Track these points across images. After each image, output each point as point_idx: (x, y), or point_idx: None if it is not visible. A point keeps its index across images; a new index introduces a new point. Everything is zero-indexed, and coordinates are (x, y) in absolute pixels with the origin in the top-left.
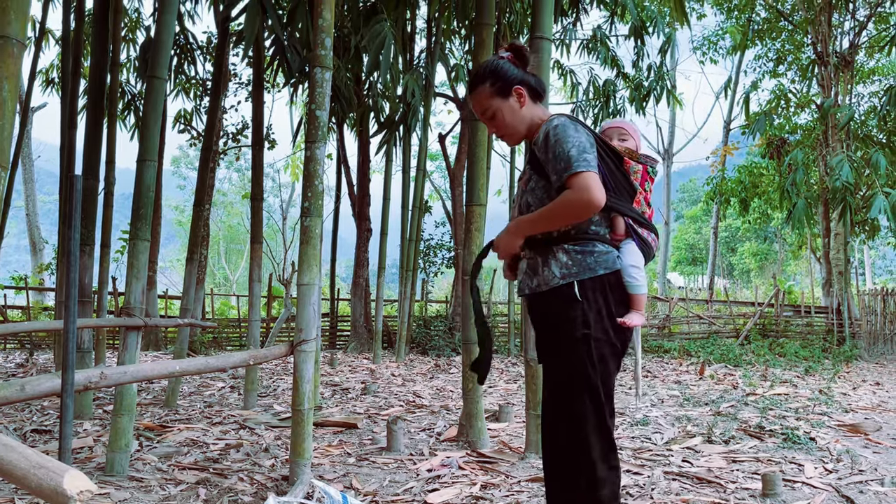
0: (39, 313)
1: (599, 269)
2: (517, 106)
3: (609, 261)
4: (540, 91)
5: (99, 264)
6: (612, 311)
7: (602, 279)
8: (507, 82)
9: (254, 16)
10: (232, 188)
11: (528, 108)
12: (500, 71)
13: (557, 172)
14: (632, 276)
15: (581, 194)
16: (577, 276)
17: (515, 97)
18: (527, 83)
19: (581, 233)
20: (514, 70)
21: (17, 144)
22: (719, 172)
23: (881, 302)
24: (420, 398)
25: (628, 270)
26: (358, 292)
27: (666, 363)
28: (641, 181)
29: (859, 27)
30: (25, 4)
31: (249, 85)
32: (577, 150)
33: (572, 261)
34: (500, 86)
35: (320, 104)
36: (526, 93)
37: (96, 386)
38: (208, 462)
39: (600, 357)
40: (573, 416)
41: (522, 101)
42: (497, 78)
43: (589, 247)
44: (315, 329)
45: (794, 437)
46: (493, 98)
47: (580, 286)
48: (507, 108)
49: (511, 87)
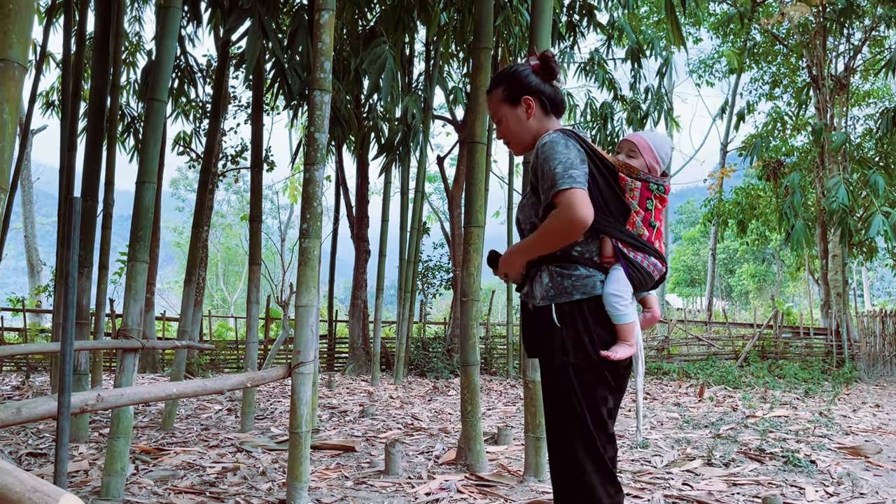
0: (36, 335)
1: (576, 294)
2: (524, 116)
3: (588, 286)
4: (556, 104)
5: (97, 286)
6: (593, 337)
7: (580, 304)
8: (518, 91)
9: (255, 39)
10: (231, 210)
11: (537, 120)
12: (515, 78)
13: (545, 192)
14: (611, 304)
15: (565, 212)
16: (554, 300)
17: (524, 107)
18: (539, 95)
19: (565, 254)
20: (531, 79)
21: (16, 166)
22: (717, 194)
23: (880, 323)
24: (418, 421)
25: (608, 299)
26: (356, 314)
27: (665, 385)
28: (641, 199)
29: (854, 51)
30: (27, 28)
31: (249, 107)
32: (562, 167)
33: (552, 283)
34: (511, 93)
35: (319, 127)
36: (536, 104)
37: (93, 409)
38: (205, 486)
39: (584, 385)
40: (564, 443)
41: (530, 113)
42: (510, 85)
43: (570, 269)
44: (313, 351)
45: (795, 460)
46: (503, 104)
47: (557, 310)
48: (514, 116)
49: (521, 97)
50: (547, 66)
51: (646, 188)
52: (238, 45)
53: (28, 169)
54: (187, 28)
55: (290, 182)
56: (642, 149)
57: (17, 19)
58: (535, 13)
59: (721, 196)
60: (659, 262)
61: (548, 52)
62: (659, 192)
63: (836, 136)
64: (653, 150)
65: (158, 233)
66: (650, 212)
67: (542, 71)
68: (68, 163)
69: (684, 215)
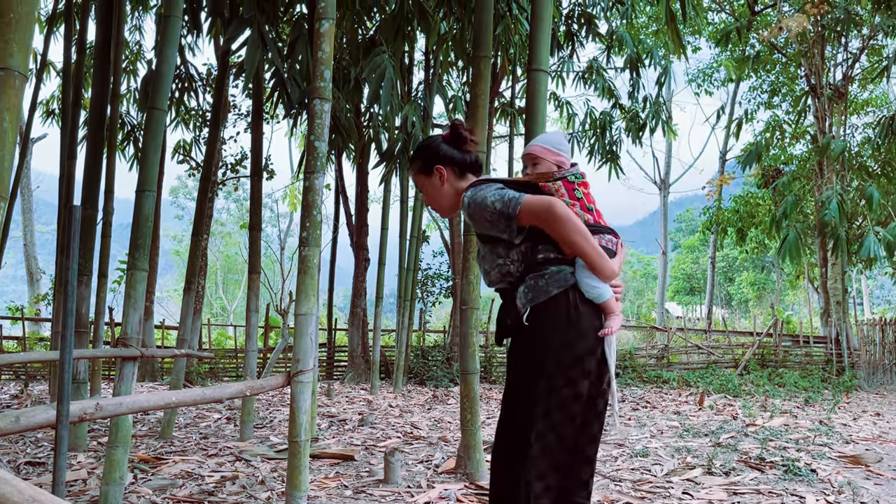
0: (35, 344)
1: (553, 290)
2: (438, 184)
3: (562, 279)
4: (468, 166)
5: (96, 294)
6: (570, 328)
7: (557, 298)
8: (430, 162)
9: (254, 49)
10: (230, 218)
11: (451, 185)
12: (426, 151)
13: (507, 231)
14: (587, 287)
15: (542, 212)
16: (533, 302)
17: (437, 175)
18: (450, 163)
19: (535, 266)
20: (441, 149)
21: (16, 175)
22: (715, 202)
23: (880, 332)
24: (418, 429)
25: (582, 283)
26: (355, 322)
27: (665, 393)
28: (569, 194)
29: (852, 59)
30: (28, 37)
31: (249, 116)
32: (499, 200)
33: (528, 289)
34: (424, 165)
35: (319, 135)
36: (448, 171)
37: (91, 417)
38: (203, 495)
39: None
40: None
41: (443, 180)
42: (423, 157)
43: (541, 271)
44: (312, 359)
45: (795, 469)
46: (420, 175)
47: (534, 312)
48: (430, 185)
49: (433, 167)
50: (456, 134)
51: (566, 183)
52: (238, 54)
53: (28, 177)
54: (187, 37)
55: (289, 190)
56: (541, 154)
57: (18, 28)
58: (535, 22)
59: (720, 204)
60: (612, 235)
61: (457, 121)
62: (578, 179)
63: (834, 145)
64: (551, 150)
65: (158, 241)
66: (581, 200)
67: (451, 140)
68: (68, 171)
69: (683, 223)
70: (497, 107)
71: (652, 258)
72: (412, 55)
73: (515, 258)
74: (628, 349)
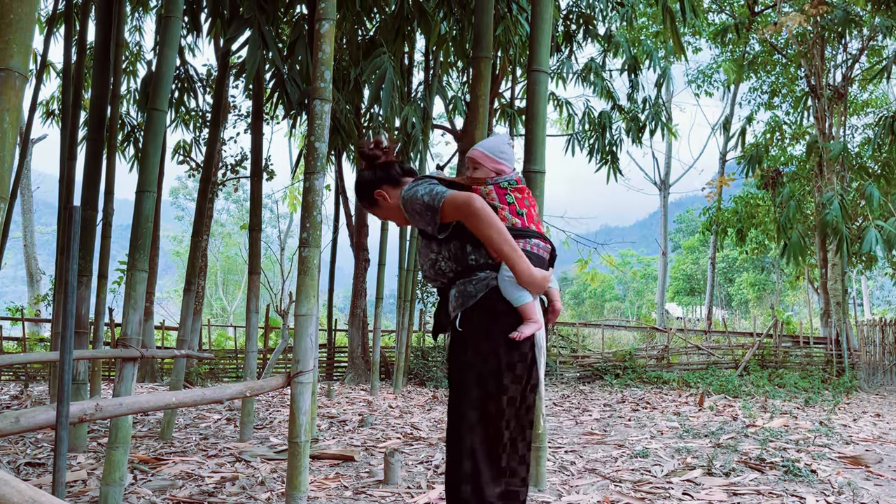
0: (35, 345)
1: (479, 294)
2: (385, 204)
3: (488, 284)
4: (400, 174)
5: (96, 295)
6: (500, 326)
7: (482, 302)
8: (368, 194)
9: (255, 49)
10: (230, 219)
11: (395, 197)
12: (360, 188)
13: (432, 224)
14: (506, 289)
15: (463, 207)
16: (462, 307)
17: (380, 199)
18: (383, 183)
19: (465, 268)
20: (369, 178)
21: (16, 175)
22: (715, 203)
23: (880, 332)
24: (418, 430)
25: (502, 284)
26: (355, 323)
27: (665, 394)
28: (500, 198)
29: (852, 60)
30: (28, 38)
31: (249, 117)
32: (427, 195)
33: (458, 294)
34: (367, 199)
35: (319, 136)
36: (384, 190)
37: (91, 418)
38: (203, 496)
39: (483, 380)
40: (461, 439)
41: (387, 199)
42: (362, 195)
43: (471, 276)
44: (312, 360)
45: (796, 470)
46: (371, 209)
47: (463, 317)
48: (382, 210)
49: (373, 196)
50: (364, 156)
51: (498, 188)
52: (238, 54)
53: (28, 178)
54: (187, 38)
55: (289, 191)
56: (481, 160)
57: (18, 29)
58: (535, 23)
59: (720, 205)
60: (540, 241)
61: (360, 144)
62: (512, 185)
63: (833, 146)
64: (490, 156)
65: (158, 242)
66: (512, 204)
67: (367, 164)
68: (68, 172)
69: (683, 224)
70: (497, 107)
71: (652, 259)
72: (412, 56)
73: (446, 255)
74: (628, 350)
